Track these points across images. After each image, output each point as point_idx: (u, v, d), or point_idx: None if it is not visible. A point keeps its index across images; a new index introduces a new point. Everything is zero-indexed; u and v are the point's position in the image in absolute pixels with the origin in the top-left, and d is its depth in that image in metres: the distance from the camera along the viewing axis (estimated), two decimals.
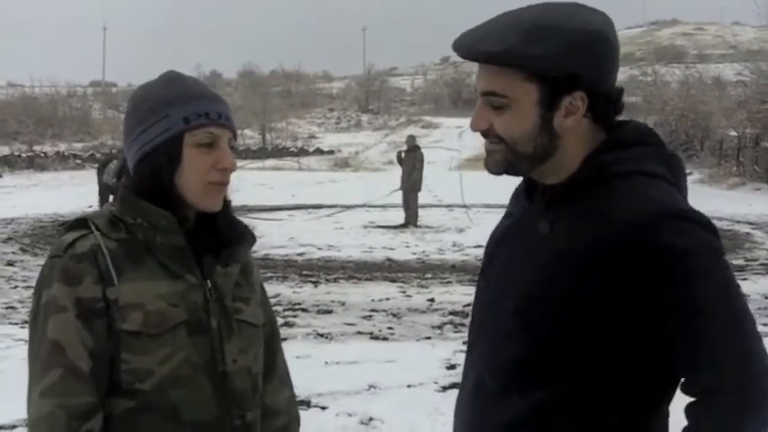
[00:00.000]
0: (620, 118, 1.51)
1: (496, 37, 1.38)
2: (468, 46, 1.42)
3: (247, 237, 1.75)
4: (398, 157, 17.29)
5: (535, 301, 1.42)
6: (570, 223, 1.42)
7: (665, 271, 1.31)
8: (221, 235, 1.69)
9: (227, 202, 1.71)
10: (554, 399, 1.41)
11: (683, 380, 1.38)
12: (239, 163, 1.69)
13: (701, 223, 1.35)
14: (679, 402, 1.41)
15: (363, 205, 19.19)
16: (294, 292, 9.60)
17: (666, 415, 1.47)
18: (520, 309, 1.45)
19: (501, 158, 1.46)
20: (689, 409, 1.35)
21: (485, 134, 1.46)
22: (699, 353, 1.32)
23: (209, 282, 1.65)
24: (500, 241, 1.60)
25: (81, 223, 1.63)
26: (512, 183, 1.63)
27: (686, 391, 1.37)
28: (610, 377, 1.39)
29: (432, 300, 9.11)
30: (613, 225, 1.35)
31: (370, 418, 5.08)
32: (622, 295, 1.34)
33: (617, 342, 1.37)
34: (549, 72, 1.38)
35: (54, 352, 1.51)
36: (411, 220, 16.48)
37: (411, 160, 16.47)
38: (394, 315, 8.36)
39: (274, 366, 1.85)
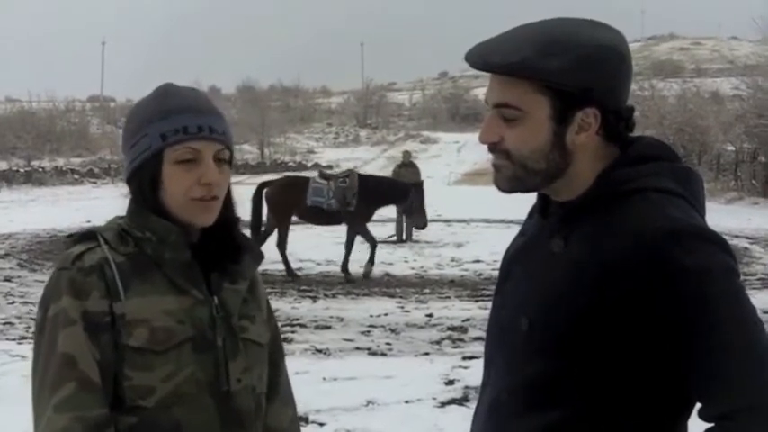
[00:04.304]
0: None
1: (511, 49, 1.38)
2: (482, 57, 1.41)
3: (254, 254, 1.75)
4: (394, 173, 17.03)
5: (548, 319, 1.41)
6: (584, 241, 1.40)
7: (677, 290, 1.29)
8: (227, 251, 1.68)
9: (233, 218, 1.71)
10: (571, 416, 1.40)
11: (698, 405, 1.35)
12: (237, 178, 1.67)
13: (716, 242, 1.33)
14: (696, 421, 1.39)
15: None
16: (293, 308, 9.56)
17: (685, 430, 1.45)
18: (533, 327, 1.44)
19: (510, 175, 1.45)
20: None
21: (492, 148, 1.45)
22: (712, 377, 1.30)
23: (215, 298, 1.63)
24: (514, 258, 1.59)
25: (89, 236, 1.62)
26: (510, 198, 1.61)
27: (703, 417, 1.34)
28: (626, 394, 1.37)
29: (430, 315, 9.09)
30: (627, 243, 1.33)
31: None
32: (635, 314, 1.32)
33: (631, 360, 1.35)
34: (562, 86, 1.38)
35: (66, 365, 1.50)
36: (409, 236, 16.43)
37: (410, 176, 16.29)
38: (392, 330, 8.33)
39: (277, 385, 1.84)
